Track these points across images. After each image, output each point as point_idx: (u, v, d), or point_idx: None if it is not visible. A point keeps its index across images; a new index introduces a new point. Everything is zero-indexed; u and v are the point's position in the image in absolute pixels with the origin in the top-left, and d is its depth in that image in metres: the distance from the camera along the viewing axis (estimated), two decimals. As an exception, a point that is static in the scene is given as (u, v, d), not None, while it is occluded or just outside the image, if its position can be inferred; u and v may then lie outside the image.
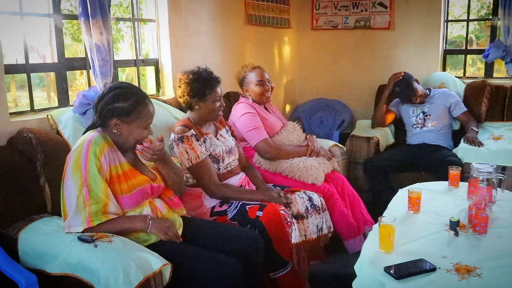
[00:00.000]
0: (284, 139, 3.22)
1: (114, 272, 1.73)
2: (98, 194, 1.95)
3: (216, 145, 2.69)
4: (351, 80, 5.20)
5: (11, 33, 2.58)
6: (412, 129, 4.00)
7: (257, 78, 3.21)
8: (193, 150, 2.55)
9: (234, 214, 2.53)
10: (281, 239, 2.43)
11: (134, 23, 3.42)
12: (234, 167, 2.79)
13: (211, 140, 2.68)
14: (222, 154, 2.70)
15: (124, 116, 2.07)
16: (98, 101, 2.11)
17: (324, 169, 3.12)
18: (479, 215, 2.03)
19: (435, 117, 3.93)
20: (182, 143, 2.57)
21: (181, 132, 2.59)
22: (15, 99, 3.13)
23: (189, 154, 2.56)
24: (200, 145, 2.59)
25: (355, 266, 1.90)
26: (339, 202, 3.02)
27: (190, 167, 2.58)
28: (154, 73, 3.61)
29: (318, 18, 5.22)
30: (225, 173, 2.72)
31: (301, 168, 3.03)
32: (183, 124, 2.66)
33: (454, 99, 4.01)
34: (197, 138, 2.60)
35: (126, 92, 2.11)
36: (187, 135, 2.58)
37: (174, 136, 2.62)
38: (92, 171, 1.96)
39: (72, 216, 1.95)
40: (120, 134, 2.09)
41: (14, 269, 1.85)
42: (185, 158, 2.56)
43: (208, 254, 2.06)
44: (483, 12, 5.24)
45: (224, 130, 2.86)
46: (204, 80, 2.65)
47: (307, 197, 2.80)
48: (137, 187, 2.09)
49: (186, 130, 2.60)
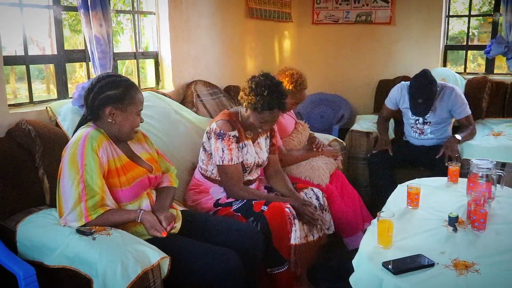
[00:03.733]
0: (294, 141, 3.22)
1: (112, 265, 1.72)
2: (94, 189, 1.93)
3: (250, 155, 2.61)
4: (352, 75, 5.19)
5: (10, 25, 2.56)
6: (411, 130, 3.75)
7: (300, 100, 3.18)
8: (230, 151, 2.49)
9: (239, 207, 2.50)
10: (281, 236, 2.42)
11: (134, 16, 3.41)
12: (255, 178, 2.75)
13: (248, 148, 2.60)
14: (252, 165, 2.64)
15: (118, 102, 2.05)
16: (88, 94, 2.08)
17: (330, 169, 3.13)
18: (478, 211, 2.03)
19: (435, 124, 3.62)
20: (222, 140, 2.49)
21: (224, 129, 2.49)
22: (14, 91, 3.13)
23: (224, 153, 2.49)
24: (238, 149, 2.52)
25: (353, 261, 1.90)
26: (339, 200, 3.02)
27: (221, 165, 2.52)
28: (154, 66, 3.60)
29: (319, 12, 5.21)
30: (245, 182, 2.66)
31: (308, 168, 3.04)
32: (229, 118, 2.56)
33: (459, 104, 3.57)
34: (237, 141, 2.53)
35: (115, 80, 2.09)
36: (229, 134, 2.49)
37: (215, 127, 2.52)
38: (89, 167, 1.94)
39: (69, 212, 1.94)
40: (115, 123, 2.07)
41: (12, 261, 1.85)
42: (219, 155, 2.49)
43: (207, 247, 2.06)
44: (484, 8, 5.22)
45: (263, 138, 2.75)
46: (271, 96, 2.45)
47: (315, 196, 2.80)
48: (136, 179, 2.09)
49: (230, 129, 2.50)
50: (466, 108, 3.61)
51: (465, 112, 3.60)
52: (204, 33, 3.85)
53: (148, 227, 2.02)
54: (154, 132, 2.78)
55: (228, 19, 4.11)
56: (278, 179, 2.80)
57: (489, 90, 4.26)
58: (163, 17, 3.48)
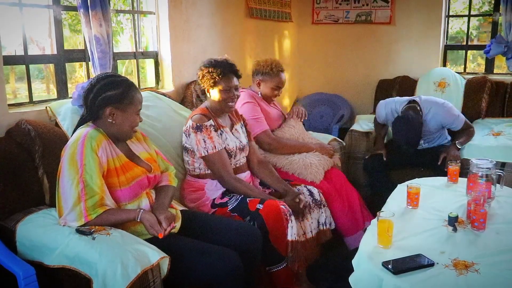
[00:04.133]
0: (286, 134, 3.21)
1: (112, 265, 1.72)
2: (93, 189, 1.93)
3: (230, 139, 2.67)
4: (351, 74, 5.19)
5: (10, 24, 2.56)
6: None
7: (277, 84, 3.19)
8: (211, 139, 2.55)
9: (234, 206, 2.52)
10: (278, 234, 2.43)
11: (134, 16, 3.41)
12: (242, 164, 2.77)
13: (227, 134, 2.66)
14: (235, 150, 2.68)
15: (117, 102, 2.06)
16: (87, 94, 2.08)
17: (324, 166, 3.12)
18: (478, 211, 2.03)
19: (429, 136, 3.57)
20: (200, 132, 2.55)
21: (200, 121, 2.58)
22: (14, 91, 3.12)
23: (206, 143, 2.55)
24: (218, 136, 2.59)
25: (353, 261, 1.90)
26: (337, 199, 3.01)
27: (206, 156, 2.57)
28: (154, 66, 3.60)
29: (318, 12, 5.21)
30: (234, 169, 2.69)
31: (301, 165, 3.01)
32: (201, 112, 2.64)
33: (452, 119, 3.48)
34: (215, 129, 2.59)
35: (115, 80, 2.10)
36: (206, 124, 2.57)
37: (192, 123, 2.59)
38: (88, 167, 1.94)
39: (68, 212, 1.94)
40: (114, 123, 2.07)
41: (12, 261, 1.85)
42: (202, 146, 2.55)
43: (207, 247, 2.06)
44: (484, 8, 5.22)
45: (239, 125, 2.83)
46: (220, 66, 2.63)
47: (308, 192, 2.80)
48: (135, 179, 2.09)
49: (205, 120, 2.59)
50: (460, 118, 3.51)
51: (460, 122, 3.50)
52: (204, 33, 3.85)
53: (147, 227, 2.02)
54: (154, 132, 2.78)
55: (228, 19, 4.11)
56: (263, 169, 2.85)
57: (489, 90, 4.26)
58: (163, 17, 3.48)
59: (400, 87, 4.63)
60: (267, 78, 3.17)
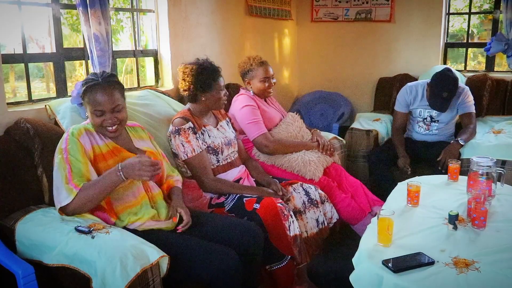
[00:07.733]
0: (283, 131, 3.20)
1: (111, 264, 1.72)
2: (79, 168, 2.00)
3: (216, 136, 2.68)
4: (351, 72, 5.18)
5: (9, 23, 2.56)
6: (416, 125, 3.77)
7: (263, 75, 3.19)
8: (189, 143, 2.56)
9: (231, 206, 2.52)
10: (277, 233, 2.42)
11: (133, 14, 3.40)
12: (234, 159, 2.78)
13: (210, 132, 2.67)
14: (221, 146, 2.69)
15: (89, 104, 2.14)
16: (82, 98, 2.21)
17: (324, 163, 3.11)
18: (478, 209, 2.02)
19: (443, 122, 3.68)
20: (178, 135, 2.57)
21: (178, 125, 2.59)
22: (13, 89, 3.12)
23: (185, 147, 2.57)
24: (197, 139, 2.59)
25: (353, 259, 1.90)
26: (338, 191, 3.01)
27: (186, 160, 2.59)
28: (153, 64, 3.59)
29: (318, 10, 5.19)
30: (225, 165, 2.71)
31: (299, 163, 3.01)
32: (182, 116, 2.65)
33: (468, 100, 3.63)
34: (194, 131, 2.59)
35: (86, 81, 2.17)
36: (184, 127, 2.58)
37: (172, 128, 2.63)
38: (71, 149, 2.03)
39: (59, 193, 1.98)
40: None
41: (11, 260, 1.85)
42: (181, 151, 2.58)
43: (206, 245, 2.06)
44: (485, 5, 5.21)
45: (225, 122, 2.85)
46: (209, 71, 2.66)
47: (304, 191, 2.78)
48: None
49: (184, 123, 2.60)
50: (472, 106, 3.65)
51: (471, 108, 3.64)
52: (204, 31, 3.84)
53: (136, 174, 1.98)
54: (153, 130, 2.77)
55: (227, 17, 4.10)
56: (250, 165, 2.92)
57: (489, 87, 4.26)
58: (163, 15, 3.47)
59: (401, 85, 4.58)
60: (252, 74, 3.21)
